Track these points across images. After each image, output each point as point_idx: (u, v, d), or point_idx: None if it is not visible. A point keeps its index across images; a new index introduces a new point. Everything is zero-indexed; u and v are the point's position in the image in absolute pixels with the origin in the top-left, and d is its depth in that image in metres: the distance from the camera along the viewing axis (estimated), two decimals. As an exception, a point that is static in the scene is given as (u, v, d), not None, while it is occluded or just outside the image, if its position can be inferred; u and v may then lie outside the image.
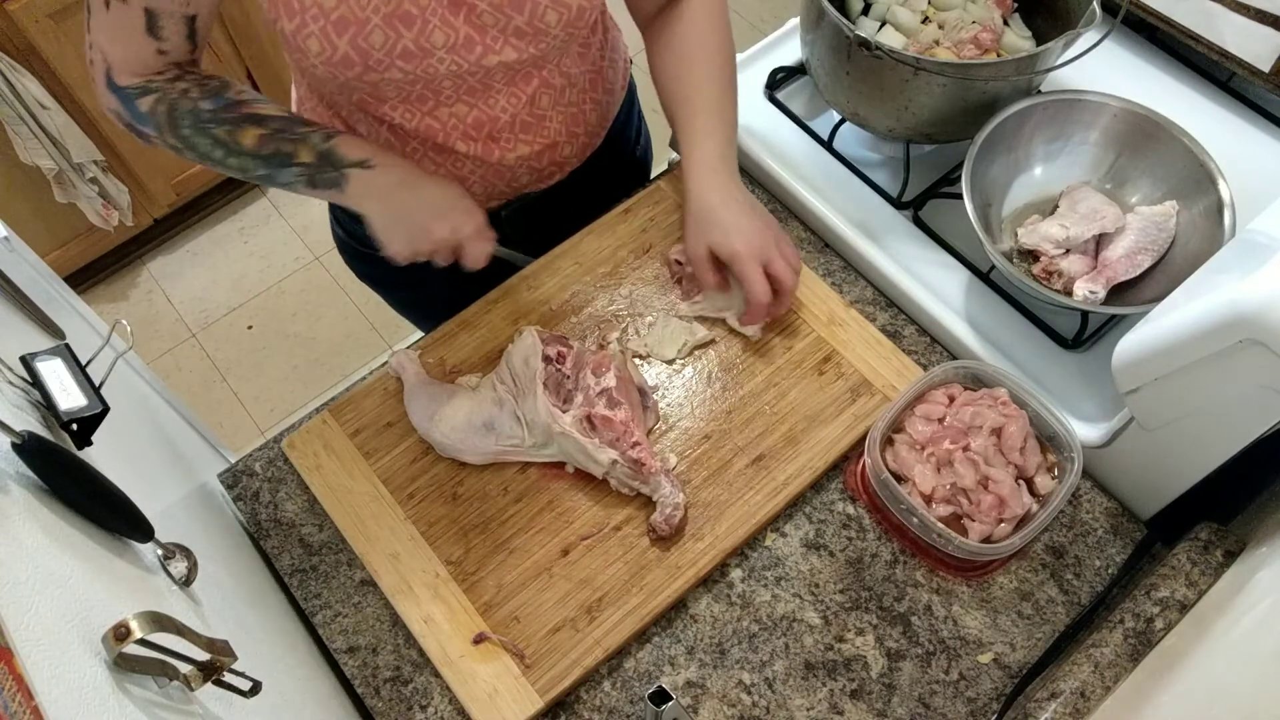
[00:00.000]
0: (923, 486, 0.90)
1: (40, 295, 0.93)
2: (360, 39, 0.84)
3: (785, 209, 1.15)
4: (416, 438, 0.99)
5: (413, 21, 0.85)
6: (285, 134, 0.87)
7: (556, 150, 1.07)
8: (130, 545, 0.69)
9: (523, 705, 0.86)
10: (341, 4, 0.82)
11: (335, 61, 0.86)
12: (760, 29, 2.83)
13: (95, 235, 2.31)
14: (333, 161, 0.88)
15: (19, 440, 0.58)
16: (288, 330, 2.42)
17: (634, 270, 1.09)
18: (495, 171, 1.04)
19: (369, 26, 0.84)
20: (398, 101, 0.94)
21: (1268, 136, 1.11)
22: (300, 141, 0.88)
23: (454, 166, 1.03)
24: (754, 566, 0.94)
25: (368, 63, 0.86)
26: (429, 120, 0.96)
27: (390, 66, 0.87)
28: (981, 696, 0.87)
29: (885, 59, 0.97)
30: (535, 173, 1.08)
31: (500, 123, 0.99)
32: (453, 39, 0.87)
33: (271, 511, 0.99)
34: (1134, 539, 0.94)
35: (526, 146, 1.03)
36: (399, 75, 0.89)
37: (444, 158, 1.01)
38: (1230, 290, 0.73)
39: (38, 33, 1.90)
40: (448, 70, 0.90)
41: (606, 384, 0.94)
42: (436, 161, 1.02)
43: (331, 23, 0.83)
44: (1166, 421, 0.86)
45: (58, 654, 0.48)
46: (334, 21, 0.83)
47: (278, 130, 0.87)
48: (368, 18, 0.83)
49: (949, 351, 1.05)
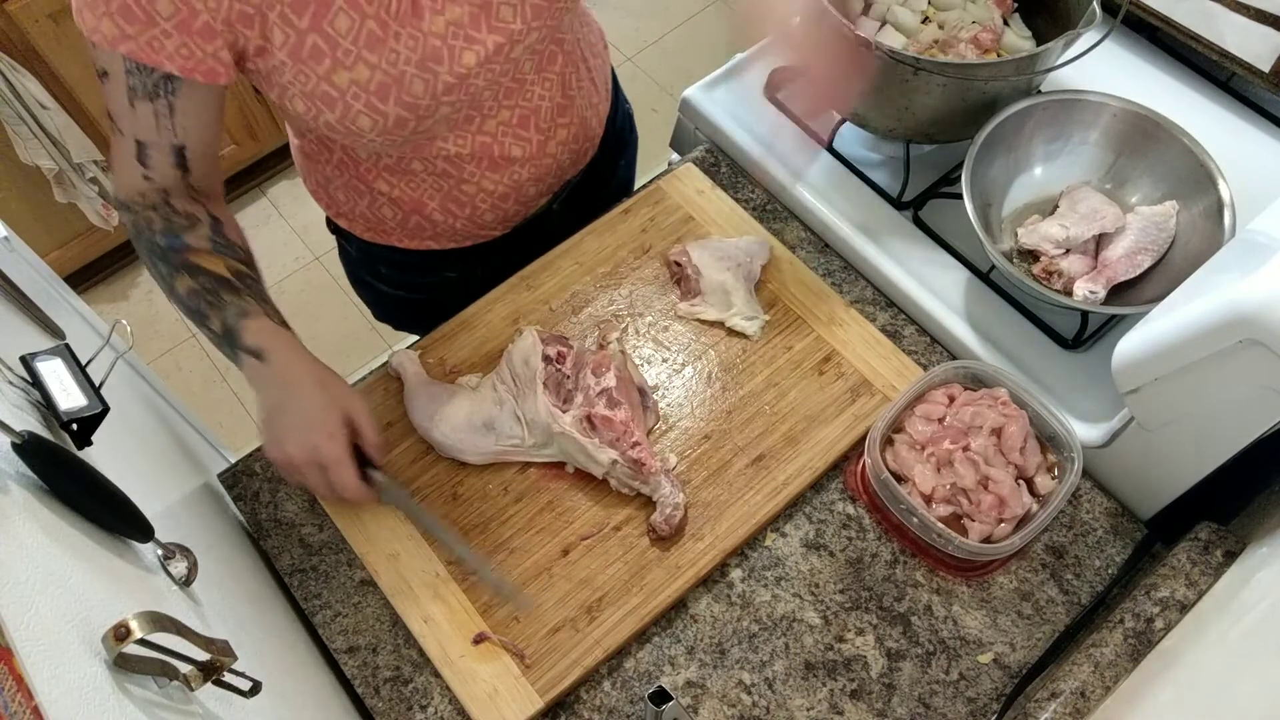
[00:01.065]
0: (923, 486, 0.90)
1: (40, 295, 0.93)
2: (404, 95, 0.85)
3: (785, 209, 1.15)
4: (416, 438, 0.99)
5: (441, 55, 0.85)
6: (208, 295, 0.86)
7: (586, 126, 1.08)
8: (130, 545, 0.69)
9: (523, 705, 0.86)
10: (375, 72, 0.82)
11: (390, 128, 0.86)
12: (760, 29, 2.82)
13: (95, 235, 2.31)
14: (231, 341, 0.87)
15: (19, 440, 0.58)
16: (288, 330, 2.42)
17: (634, 270, 1.09)
18: (544, 168, 1.05)
19: (407, 79, 0.84)
20: (447, 132, 0.94)
21: (1268, 136, 1.11)
22: (216, 309, 0.87)
23: (511, 179, 1.03)
24: (754, 566, 0.94)
25: (418, 114, 0.87)
26: (480, 138, 0.97)
27: (438, 106, 0.88)
28: (981, 696, 0.87)
29: (885, 59, 0.97)
30: (574, 154, 1.09)
31: (542, 111, 0.99)
32: (482, 53, 0.87)
33: (271, 511, 0.99)
34: (1134, 539, 0.94)
35: (564, 130, 1.04)
36: (448, 110, 0.89)
37: (500, 173, 1.01)
38: (1230, 290, 0.73)
39: (38, 33, 1.90)
40: (486, 83, 0.90)
41: (606, 384, 0.94)
42: (494, 180, 1.02)
43: (373, 94, 0.83)
44: (1166, 421, 0.86)
45: (58, 654, 0.48)
46: (375, 92, 0.83)
47: (204, 289, 0.86)
48: (402, 71, 0.84)
49: (949, 351, 1.05)
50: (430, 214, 1.05)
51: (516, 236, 1.14)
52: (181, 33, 0.76)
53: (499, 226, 1.11)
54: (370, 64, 0.82)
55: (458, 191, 1.02)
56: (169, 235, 0.87)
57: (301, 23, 0.79)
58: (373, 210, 1.06)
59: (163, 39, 0.76)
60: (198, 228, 0.88)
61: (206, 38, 0.77)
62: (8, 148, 2.00)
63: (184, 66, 0.78)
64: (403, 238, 1.10)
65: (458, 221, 1.06)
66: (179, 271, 0.87)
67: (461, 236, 1.10)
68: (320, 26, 0.80)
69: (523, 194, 1.07)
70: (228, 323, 0.86)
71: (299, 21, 0.79)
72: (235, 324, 0.86)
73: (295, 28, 0.79)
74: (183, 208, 0.89)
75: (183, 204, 0.89)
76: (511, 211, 1.09)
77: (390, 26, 0.82)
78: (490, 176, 1.01)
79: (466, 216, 1.06)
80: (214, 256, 0.88)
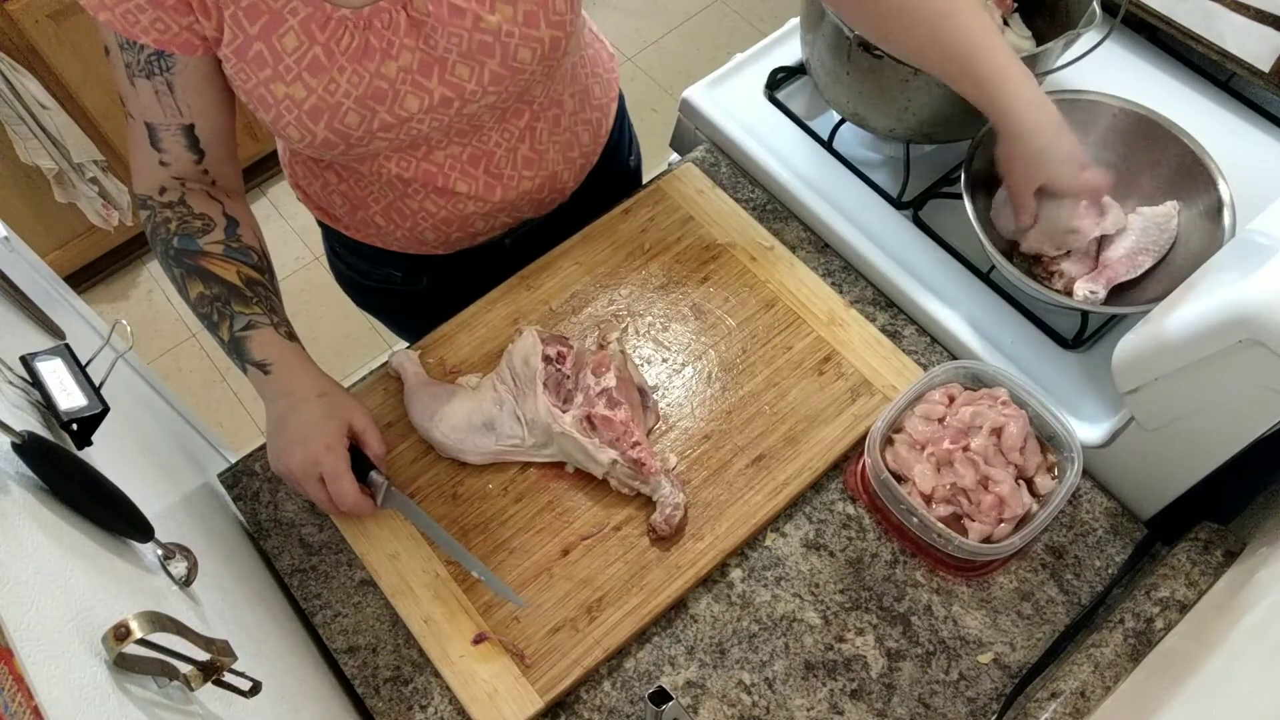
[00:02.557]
0: (923, 486, 0.90)
1: (40, 295, 0.93)
2: (336, 122, 0.85)
3: (785, 209, 1.15)
4: (416, 438, 0.99)
5: (384, 96, 0.85)
6: (218, 303, 0.88)
7: (556, 179, 1.07)
8: (130, 545, 0.69)
9: (523, 705, 0.86)
10: (312, 94, 0.83)
11: (317, 145, 0.86)
12: (760, 29, 2.83)
13: (95, 235, 2.31)
14: (239, 352, 0.89)
15: (19, 440, 0.58)
16: (288, 330, 2.42)
17: (634, 270, 1.09)
18: (495, 207, 1.04)
19: (342, 110, 0.84)
20: (391, 152, 0.94)
21: (1268, 136, 1.11)
22: (225, 319, 0.88)
23: (456, 207, 1.02)
24: (754, 566, 0.94)
25: (348, 142, 0.87)
26: (425, 165, 0.96)
27: (372, 140, 0.88)
28: (981, 696, 0.87)
29: (885, 59, 0.97)
30: (537, 204, 1.09)
31: (496, 157, 0.98)
32: (427, 101, 0.86)
33: (271, 511, 0.99)
34: (1134, 539, 0.94)
35: (529, 181, 1.03)
36: (383, 144, 0.89)
37: (446, 199, 1.01)
38: (1230, 290, 0.73)
39: (38, 33, 1.90)
40: (430, 128, 0.90)
41: (606, 384, 0.94)
42: (439, 204, 1.02)
43: (305, 113, 0.83)
44: (1166, 421, 0.86)
45: (58, 654, 0.48)
46: (308, 111, 0.83)
47: (214, 297, 0.88)
48: (339, 102, 0.84)
49: (949, 351, 1.05)
50: (373, 215, 1.05)
51: (462, 260, 1.13)
52: (155, 6, 0.78)
53: (442, 247, 1.10)
54: (309, 86, 0.82)
55: (401, 204, 1.02)
56: (183, 238, 0.88)
57: (252, 29, 0.80)
58: (324, 194, 1.06)
59: (138, 13, 0.78)
60: (212, 231, 0.89)
61: (180, 12, 0.79)
62: (8, 148, 2.00)
63: (160, 40, 0.80)
64: (349, 227, 1.10)
65: (399, 230, 1.06)
66: (191, 276, 0.88)
67: (404, 244, 1.10)
68: (268, 38, 0.80)
69: (469, 225, 1.06)
70: (235, 334, 0.88)
71: (250, 27, 0.80)
72: (242, 335, 0.88)
73: (245, 31, 0.80)
74: (199, 208, 0.90)
75: (199, 203, 0.90)
76: (455, 238, 1.08)
77: (336, 59, 0.82)
78: (435, 200, 1.01)
79: (407, 229, 1.06)
80: (227, 263, 0.89)
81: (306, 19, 0.80)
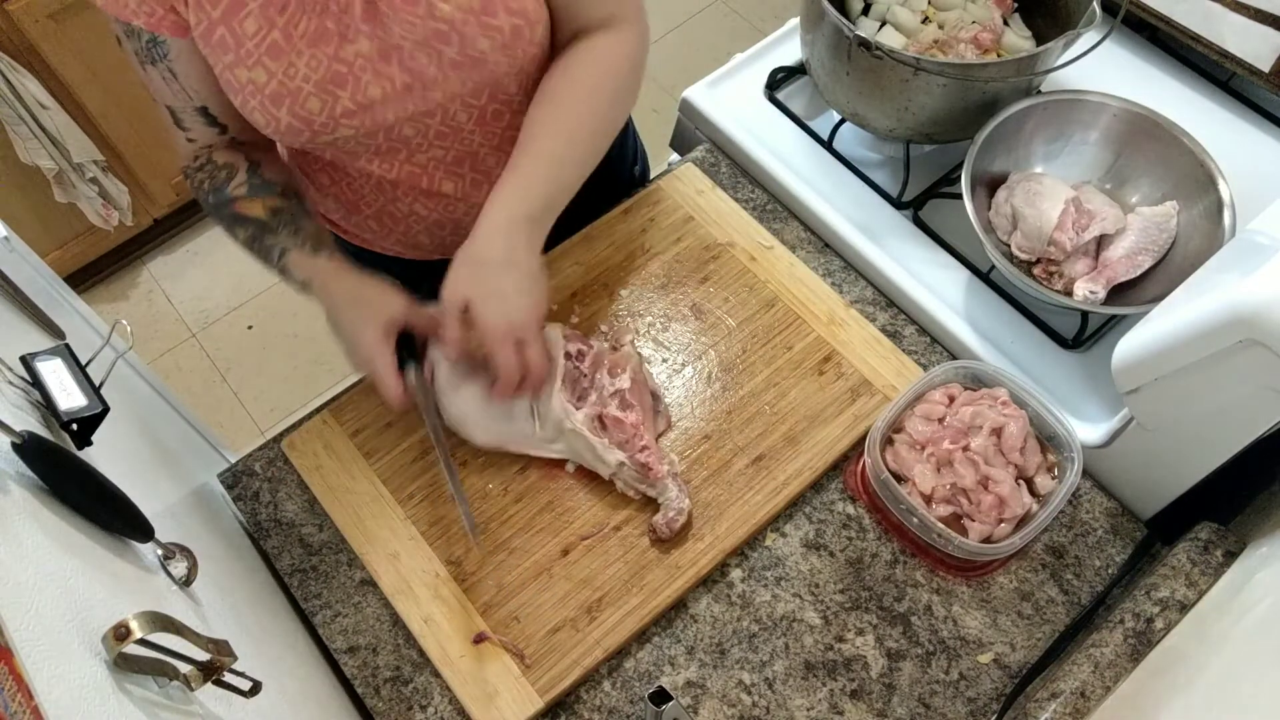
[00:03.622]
0: (923, 486, 0.90)
1: (40, 295, 0.93)
2: (298, 107, 0.85)
3: (785, 209, 1.15)
4: (417, 438, 0.99)
5: (345, 81, 0.85)
6: (255, 243, 0.93)
7: None
8: (130, 545, 0.69)
9: (523, 705, 0.86)
10: (272, 79, 0.83)
11: (282, 131, 0.87)
12: (760, 29, 2.83)
13: (95, 235, 2.31)
14: (288, 279, 0.93)
15: (19, 440, 0.58)
16: (288, 330, 2.42)
17: (634, 270, 1.09)
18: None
19: (303, 95, 0.85)
20: (371, 155, 0.94)
21: (1268, 136, 1.11)
22: (267, 253, 0.92)
23: (446, 210, 1.02)
24: (754, 566, 0.94)
25: (312, 128, 0.87)
26: (409, 167, 0.96)
27: (336, 127, 0.88)
28: (981, 696, 0.87)
29: (885, 59, 0.97)
30: None
31: (480, 156, 0.98)
32: (389, 88, 0.87)
33: (271, 511, 0.99)
34: (1134, 539, 0.94)
35: None
36: (349, 133, 0.89)
37: (434, 201, 1.01)
38: (1230, 290, 0.73)
39: (38, 33, 1.90)
40: (396, 118, 0.89)
41: (621, 385, 0.94)
42: (429, 206, 1.02)
43: (267, 97, 0.84)
44: (1166, 421, 0.86)
45: (58, 654, 0.48)
46: (269, 96, 0.84)
47: (251, 238, 0.93)
48: (299, 87, 0.84)
49: (949, 351, 1.05)
50: (367, 219, 1.05)
51: None
52: None
53: (438, 251, 1.09)
54: (269, 70, 0.83)
55: (392, 207, 1.02)
56: (216, 191, 0.93)
57: (214, 13, 0.81)
58: (320, 198, 1.06)
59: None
60: (236, 175, 0.92)
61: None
62: (8, 148, 2.00)
63: (149, 22, 0.81)
64: (346, 231, 1.10)
65: (392, 234, 1.07)
66: (232, 225, 0.93)
67: (400, 248, 1.10)
68: (230, 22, 0.81)
69: (460, 227, 1.04)
70: (277, 264, 0.92)
71: (212, 11, 0.81)
72: (282, 266, 0.92)
73: (208, 15, 0.81)
74: (223, 160, 0.93)
75: (223, 155, 0.93)
76: (449, 241, 1.07)
77: (294, 43, 0.82)
78: (424, 202, 1.01)
79: (401, 232, 1.06)
80: (252, 201, 0.92)
81: (266, 3, 0.81)
